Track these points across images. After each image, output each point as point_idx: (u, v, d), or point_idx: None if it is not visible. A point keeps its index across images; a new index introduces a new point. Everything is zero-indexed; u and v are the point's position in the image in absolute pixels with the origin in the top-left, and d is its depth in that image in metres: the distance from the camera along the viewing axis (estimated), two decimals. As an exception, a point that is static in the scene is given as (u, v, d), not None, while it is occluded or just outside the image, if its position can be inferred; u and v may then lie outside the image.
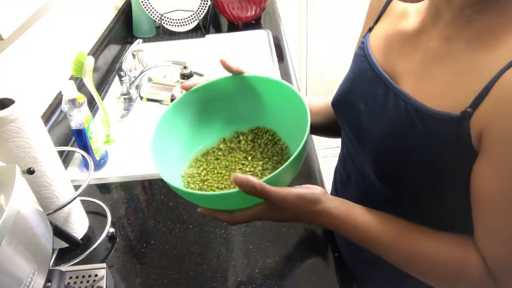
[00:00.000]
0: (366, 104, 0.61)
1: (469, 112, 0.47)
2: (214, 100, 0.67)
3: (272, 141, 0.67)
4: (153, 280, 0.69)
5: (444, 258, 0.53)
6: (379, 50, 0.62)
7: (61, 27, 1.09)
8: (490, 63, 0.46)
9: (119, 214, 0.82)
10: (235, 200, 0.54)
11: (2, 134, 0.58)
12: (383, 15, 0.65)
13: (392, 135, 0.56)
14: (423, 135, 0.52)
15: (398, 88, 0.56)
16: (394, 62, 0.59)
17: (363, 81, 0.63)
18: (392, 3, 0.63)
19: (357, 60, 0.65)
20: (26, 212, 0.46)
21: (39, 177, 0.64)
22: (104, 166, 0.98)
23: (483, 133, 0.47)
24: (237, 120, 0.69)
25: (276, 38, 1.50)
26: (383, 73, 0.59)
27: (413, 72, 0.55)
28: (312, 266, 0.69)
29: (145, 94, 1.24)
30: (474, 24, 0.50)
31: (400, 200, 0.61)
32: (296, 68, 2.54)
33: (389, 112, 0.57)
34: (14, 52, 0.87)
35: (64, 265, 0.71)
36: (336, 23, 2.36)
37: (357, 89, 0.64)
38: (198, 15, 1.55)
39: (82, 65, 0.96)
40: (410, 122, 0.53)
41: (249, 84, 0.65)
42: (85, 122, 0.89)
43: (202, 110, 0.67)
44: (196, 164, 0.67)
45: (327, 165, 1.06)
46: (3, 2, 0.75)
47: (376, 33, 0.64)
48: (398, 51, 0.58)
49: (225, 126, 0.69)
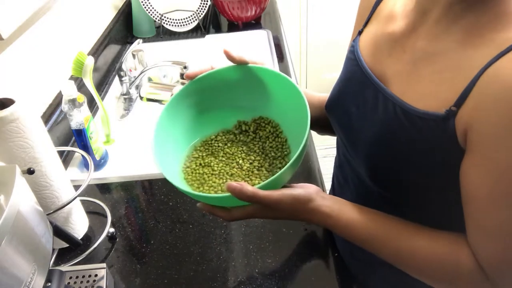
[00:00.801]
0: (357, 107, 0.61)
1: (453, 110, 0.48)
2: (217, 90, 0.66)
3: (274, 134, 0.66)
4: (153, 280, 0.69)
5: (436, 255, 0.53)
6: (369, 52, 0.62)
7: (61, 27, 1.10)
8: (475, 61, 0.47)
9: (119, 214, 0.82)
10: (231, 202, 0.55)
11: (2, 134, 0.58)
12: (371, 18, 0.65)
13: (383, 137, 0.56)
14: (412, 136, 0.52)
15: (386, 90, 0.56)
16: (384, 64, 0.59)
17: (353, 84, 0.63)
18: (380, 6, 0.63)
19: (348, 63, 0.66)
20: (26, 212, 0.46)
21: (39, 177, 0.64)
22: (104, 166, 0.98)
23: (468, 131, 0.47)
24: (240, 110, 0.68)
25: (276, 38, 1.50)
26: (372, 76, 0.59)
27: (402, 74, 0.56)
28: (312, 266, 0.69)
29: (145, 94, 1.24)
30: (461, 22, 0.50)
31: (396, 201, 0.61)
32: (296, 68, 2.53)
33: (379, 115, 0.57)
34: (14, 52, 0.87)
35: (64, 265, 0.71)
36: (336, 23, 2.36)
37: (348, 92, 0.64)
38: (198, 15, 1.55)
39: (82, 65, 0.95)
40: (399, 123, 0.53)
41: (252, 75, 0.64)
42: (85, 122, 0.89)
43: (204, 100, 0.67)
44: (195, 155, 0.66)
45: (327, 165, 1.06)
46: (3, 2, 0.75)
47: (365, 36, 0.64)
48: (387, 53, 0.59)
49: (228, 116, 0.69)
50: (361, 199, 0.67)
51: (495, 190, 0.46)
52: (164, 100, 1.20)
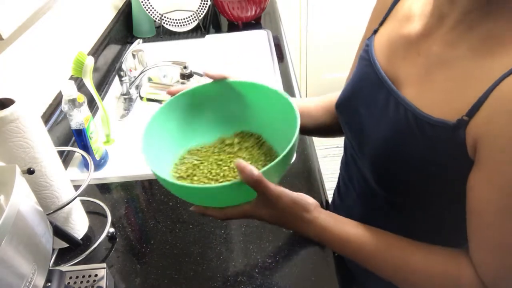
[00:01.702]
0: (368, 108, 0.61)
1: (465, 120, 0.47)
2: (198, 106, 0.68)
3: (259, 144, 0.67)
4: (153, 280, 0.69)
5: (436, 271, 0.52)
6: (383, 54, 0.61)
7: (61, 27, 1.10)
8: (490, 71, 0.45)
9: (119, 214, 0.82)
10: (227, 195, 0.53)
11: (2, 134, 0.58)
12: (388, 17, 0.63)
13: (391, 140, 0.56)
14: (421, 142, 0.52)
15: (399, 94, 0.55)
16: (397, 66, 0.58)
17: (366, 85, 0.62)
18: (398, 5, 0.62)
19: (361, 63, 0.65)
20: (26, 212, 0.46)
21: (39, 177, 0.64)
22: (104, 166, 0.98)
23: (478, 143, 0.46)
24: (221, 125, 0.69)
25: (276, 38, 1.50)
26: (386, 78, 0.58)
27: (415, 78, 0.55)
28: (312, 266, 0.69)
29: (145, 94, 1.24)
30: (477, 29, 0.48)
31: (399, 204, 0.61)
32: (296, 68, 2.54)
33: (389, 118, 0.56)
34: (14, 52, 0.87)
35: (64, 265, 0.71)
36: (336, 23, 2.36)
37: (360, 93, 0.63)
38: (198, 15, 1.55)
39: (82, 65, 0.95)
40: (409, 128, 0.53)
41: (232, 89, 0.66)
42: (85, 122, 0.89)
43: (185, 116, 0.68)
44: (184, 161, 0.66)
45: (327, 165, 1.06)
46: (3, 2, 0.75)
47: (380, 36, 0.63)
48: (401, 55, 0.58)
49: (210, 132, 0.70)
50: (365, 200, 0.67)
51: (503, 205, 0.45)
52: (164, 100, 1.20)
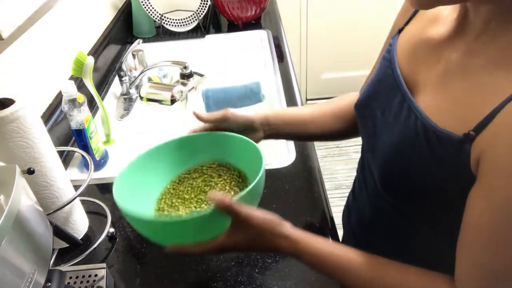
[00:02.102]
0: (382, 111, 0.60)
1: (471, 135, 0.45)
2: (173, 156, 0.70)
3: (231, 169, 0.69)
4: (153, 280, 0.69)
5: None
6: (404, 56, 0.60)
7: (61, 27, 1.10)
8: (503, 86, 0.44)
9: (119, 214, 0.82)
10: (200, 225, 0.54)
11: (2, 134, 0.58)
12: (415, 17, 0.62)
13: (400, 147, 0.55)
14: (426, 152, 0.51)
15: (412, 100, 0.55)
16: (417, 71, 0.57)
17: (383, 87, 0.61)
18: None
19: (383, 63, 0.64)
20: (26, 212, 0.46)
21: (39, 177, 0.64)
22: (104, 166, 0.98)
23: (480, 159, 0.45)
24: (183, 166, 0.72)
25: (276, 38, 1.50)
26: (402, 83, 0.57)
27: (431, 85, 0.54)
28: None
29: (145, 94, 1.24)
30: (498, 40, 0.47)
31: (405, 211, 0.61)
32: (296, 68, 2.54)
33: (400, 124, 0.56)
34: (14, 52, 0.87)
35: (64, 265, 0.71)
36: (336, 23, 2.36)
37: (377, 95, 0.62)
38: (198, 15, 1.55)
39: (82, 65, 0.96)
40: (416, 137, 0.52)
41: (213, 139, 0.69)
42: (85, 122, 0.89)
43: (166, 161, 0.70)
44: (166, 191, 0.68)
45: (327, 165, 1.06)
46: (3, 2, 0.75)
47: (404, 36, 0.62)
48: (422, 60, 0.57)
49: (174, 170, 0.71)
50: (374, 202, 0.67)
51: (495, 224, 0.45)
52: (164, 100, 1.20)
